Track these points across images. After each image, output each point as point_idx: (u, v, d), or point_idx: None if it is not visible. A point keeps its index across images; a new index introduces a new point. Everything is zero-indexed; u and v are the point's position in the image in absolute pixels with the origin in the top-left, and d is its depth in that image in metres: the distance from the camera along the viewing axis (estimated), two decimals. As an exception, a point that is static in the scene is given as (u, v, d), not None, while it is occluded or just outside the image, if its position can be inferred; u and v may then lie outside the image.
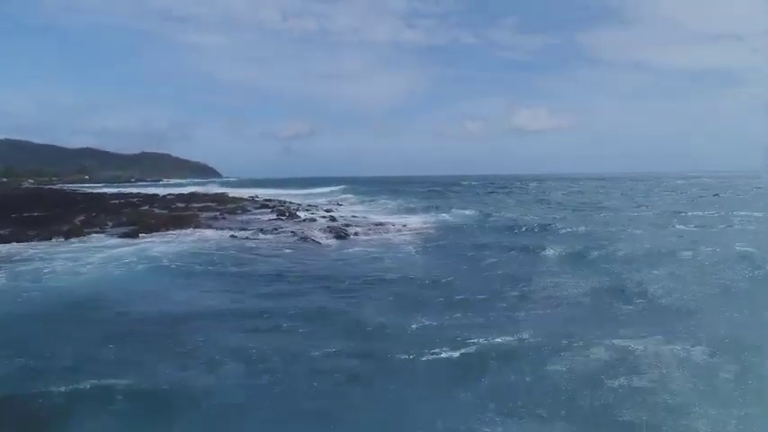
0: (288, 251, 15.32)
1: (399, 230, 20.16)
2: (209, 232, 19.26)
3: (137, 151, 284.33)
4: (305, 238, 17.37)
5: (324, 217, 24.62)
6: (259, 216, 25.48)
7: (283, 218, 24.33)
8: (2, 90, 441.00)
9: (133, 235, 18.31)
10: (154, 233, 18.89)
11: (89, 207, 30.39)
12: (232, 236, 18.29)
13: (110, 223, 21.74)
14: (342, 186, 67.72)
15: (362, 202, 40.06)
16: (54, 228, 19.09)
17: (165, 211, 27.96)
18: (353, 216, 25.83)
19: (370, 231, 19.93)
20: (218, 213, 26.15)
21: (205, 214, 26.11)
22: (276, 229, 19.85)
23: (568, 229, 19.01)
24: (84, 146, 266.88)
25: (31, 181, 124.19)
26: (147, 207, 31.69)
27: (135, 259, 12.98)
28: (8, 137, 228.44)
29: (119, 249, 14.73)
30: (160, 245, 15.90)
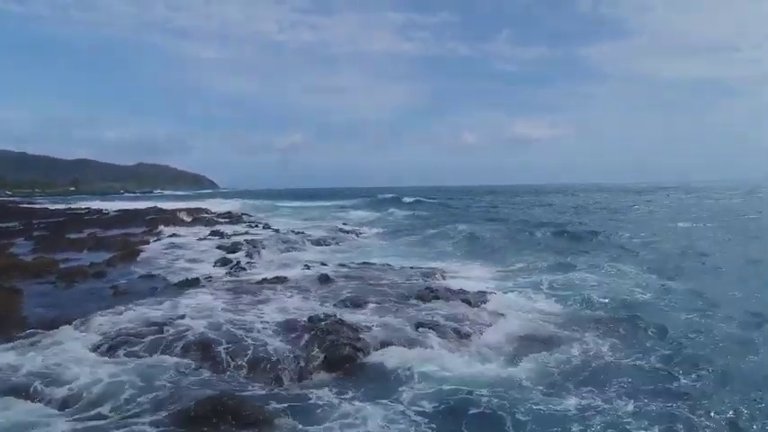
0: None
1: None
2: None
3: (134, 162, 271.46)
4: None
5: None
6: (206, 264, 12.43)
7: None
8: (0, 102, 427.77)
9: None
10: None
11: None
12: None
13: None
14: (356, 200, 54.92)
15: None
16: None
17: (30, 254, 14.94)
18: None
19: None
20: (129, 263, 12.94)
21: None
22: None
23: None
24: (82, 157, 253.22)
25: (9, 192, 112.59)
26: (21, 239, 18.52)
27: None
28: (5, 148, 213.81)
29: None
30: None
